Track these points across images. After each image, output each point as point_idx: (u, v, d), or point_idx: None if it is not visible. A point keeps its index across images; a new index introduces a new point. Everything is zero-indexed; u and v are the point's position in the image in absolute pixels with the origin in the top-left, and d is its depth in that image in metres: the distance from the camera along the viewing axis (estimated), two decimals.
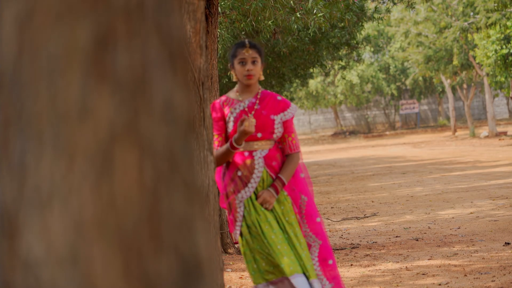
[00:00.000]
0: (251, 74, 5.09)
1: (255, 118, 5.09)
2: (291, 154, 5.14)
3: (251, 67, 5.09)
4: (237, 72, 5.13)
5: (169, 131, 1.47)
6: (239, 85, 5.20)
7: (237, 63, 5.12)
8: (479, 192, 14.12)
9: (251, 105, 5.14)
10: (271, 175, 5.06)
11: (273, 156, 5.10)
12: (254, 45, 5.16)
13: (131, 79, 1.44)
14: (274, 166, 5.09)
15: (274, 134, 5.11)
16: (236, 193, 5.05)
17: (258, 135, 5.08)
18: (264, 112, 5.12)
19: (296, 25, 11.11)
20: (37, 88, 1.44)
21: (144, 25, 1.46)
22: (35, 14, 1.44)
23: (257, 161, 5.06)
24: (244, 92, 5.19)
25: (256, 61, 5.11)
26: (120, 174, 1.41)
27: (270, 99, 5.18)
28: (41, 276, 1.42)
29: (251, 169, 5.06)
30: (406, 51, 41.63)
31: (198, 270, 1.48)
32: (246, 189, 5.05)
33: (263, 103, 5.15)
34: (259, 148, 5.09)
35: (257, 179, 5.04)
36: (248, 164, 5.06)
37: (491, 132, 37.26)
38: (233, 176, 5.07)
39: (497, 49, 26.87)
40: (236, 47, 5.18)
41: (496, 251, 8.11)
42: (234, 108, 5.14)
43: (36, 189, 1.43)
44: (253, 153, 5.08)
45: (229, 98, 5.21)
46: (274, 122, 5.11)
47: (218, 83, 8.85)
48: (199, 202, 1.51)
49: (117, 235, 1.41)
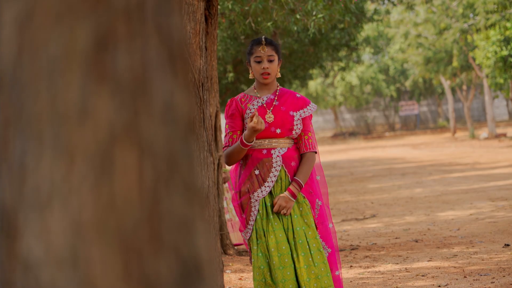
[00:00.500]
0: (267, 73, 5.01)
1: (273, 114, 5.01)
2: (306, 153, 5.03)
3: (267, 65, 5.00)
4: (254, 70, 5.04)
5: (169, 132, 1.47)
6: (257, 82, 5.10)
7: (253, 61, 5.04)
8: (478, 194, 14.13)
9: (269, 101, 5.05)
10: (288, 175, 5.00)
11: (292, 156, 5.01)
12: (271, 42, 5.07)
13: (131, 80, 1.44)
14: (292, 166, 4.99)
15: (293, 131, 5.01)
16: (251, 192, 4.98)
17: (277, 131, 4.98)
18: (283, 108, 5.03)
19: (296, 27, 11.12)
20: (37, 88, 1.43)
21: (144, 26, 1.46)
22: (35, 15, 1.44)
23: (275, 159, 4.97)
24: (262, 89, 5.09)
25: (273, 59, 5.03)
26: (120, 175, 1.41)
27: (289, 96, 5.09)
28: (41, 277, 1.41)
29: (269, 167, 4.96)
30: (405, 53, 41.66)
31: (198, 271, 1.48)
32: (262, 188, 4.95)
33: (282, 99, 5.06)
34: (277, 146, 4.99)
35: (274, 178, 4.96)
36: (265, 162, 4.98)
37: (490, 134, 37.27)
38: (250, 175, 4.98)
39: (496, 50, 26.87)
40: (252, 44, 5.09)
41: (496, 253, 8.11)
42: (252, 105, 5.04)
43: (35, 189, 1.43)
44: (272, 151, 4.99)
45: (247, 95, 5.10)
46: (293, 118, 5.01)
47: (217, 84, 8.85)
48: (199, 203, 1.51)
49: (116, 236, 1.41)
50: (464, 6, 34.90)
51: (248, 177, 4.97)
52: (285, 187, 4.95)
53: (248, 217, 4.95)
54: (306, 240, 4.86)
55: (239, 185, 5.01)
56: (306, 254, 4.83)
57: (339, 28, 16.87)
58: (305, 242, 4.85)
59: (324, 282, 4.81)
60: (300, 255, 4.82)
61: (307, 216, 4.93)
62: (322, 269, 4.83)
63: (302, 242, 4.85)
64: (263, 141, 4.98)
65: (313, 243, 4.87)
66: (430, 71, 39.38)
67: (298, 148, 5.07)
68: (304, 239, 4.86)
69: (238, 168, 5.06)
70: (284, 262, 4.80)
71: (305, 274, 4.79)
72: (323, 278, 4.82)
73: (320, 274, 4.82)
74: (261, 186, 4.94)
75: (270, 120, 4.97)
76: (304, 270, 4.80)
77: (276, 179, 4.94)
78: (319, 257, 4.85)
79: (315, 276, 4.81)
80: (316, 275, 4.81)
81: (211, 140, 4.97)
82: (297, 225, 4.89)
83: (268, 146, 4.98)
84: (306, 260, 4.82)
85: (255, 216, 4.92)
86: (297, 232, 4.87)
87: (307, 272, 4.80)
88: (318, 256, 4.85)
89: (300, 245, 4.84)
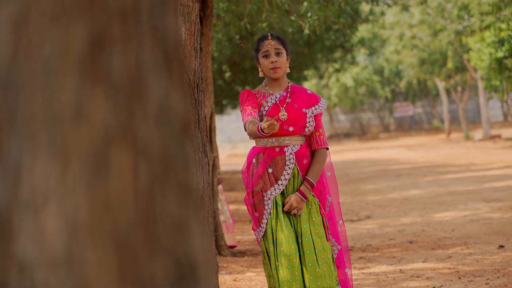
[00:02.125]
0: (276, 66, 4.97)
1: (287, 112, 4.98)
2: (318, 149, 5.01)
3: (275, 58, 4.97)
4: (263, 66, 5.01)
5: (164, 133, 1.47)
6: (267, 79, 5.08)
7: (261, 57, 5.00)
8: (473, 195, 14.14)
9: (282, 99, 5.02)
10: (300, 173, 4.97)
11: (304, 153, 4.99)
12: (277, 37, 5.05)
13: (126, 81, 1.43)
14: (304, 164, 4.97)
15: (306, 128, 5.00)
16: (265, 191, 4.96)
17: (290, 129, 4.96)
18: (296, 105, 5.00)
19: (291, 28, 11.12)
20: (32, 90, 1.43)
21: (139, 28, 1.46)
22: (30, 16, 1.44)
23: (288, 157, 4.95)
24: (273, 86, 5.07)
25: (281, 52, 5.00)
26: (115, 176, 1.41)
27: (300, 93, 5.06)
28: (36, 278, 1.41)
29: (282, 165, 4.95)
30: (400, 54, 41.66)
31: (193, 273, 1.48)
32: (276, 186, 4.94)
33: (293, 96, 5.04)
34: (290, 144, 4.97)
35: (287, 175, 4.94)
36: (278, 160, 4.97)
37: (485, 135, 37.30)
38: (263, 174, 4.97)
39: (491, 52, 26.90)
40: (259, 40, 5.07)
41: (490, 254, 8.12)
42: (266, 101, 5.02)
43: (30, 191, 1.42)
44: (284, 148, 4.97)
45: (259, 91, 5.08)
46: (306, 115, 4.99)
47: (212, 85, 8.85)
48: (194, 204, 1.51)
49: (111, 237, 1.41)
50: (459, 7, 34.92)
51: (262, 176, 4.96)
52: (297, 185, 4.94)
53: (261, 216, 4.94)
54: (312, 239, 4.85)
55: (252, 185, 4.99)
56: (311, 252, 4.83)
57: (334, 29, 16.89)
58: (311, 241, 4.84)
59: (326, 282, 4.81)
60: (306, 253, 4.82)
61: (315, 214, 4.92)
62: (325, 269, 4.83)
63: (308, 240, 4.85)
64: (276, 139, 4.97)
65: (318, 242, 4.86)
66: (425, 73, 39.38)
67: (309, 145, 5.06)
68: (310, 238, 4.85)
69: (250, 167, 5.04)
70: (292, 262, 4.80)
71: (309, 272, 4.80)
72: (325, 278, 4.82)
73: (323, 274, 4.82)
74: (274, 185, 4.93)
75: (284, 118, 4.96)
76: (309, 269, 4.80)
77: (289, 177, 4.93)
78: (323, 257, 4.85)
79: (318, 275, 4.81)
80: (319, 275, 4.81)
81: (205, 141, 4.97)
82: (304, 223, 4.88)
83: (281, 144, 4.96)
84: (311, 258, 4.82)
85: (268, 215, 4.90)
86: (304, 230, 4.86)
87: (311, 271, 4.80)
88: (322, 256, 4.85)
89: (306, 243, 4.84)
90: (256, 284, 7.43)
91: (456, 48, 36.74)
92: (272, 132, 4.67)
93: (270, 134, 4.86)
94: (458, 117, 52.87)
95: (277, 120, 4.94)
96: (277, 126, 4.67)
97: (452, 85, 42.35)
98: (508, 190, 14.22)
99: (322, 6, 10.05)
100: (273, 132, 4.67)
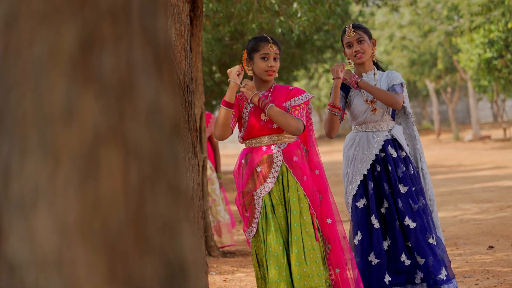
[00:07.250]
0: (272, 71, 5.04)
1: None
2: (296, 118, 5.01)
3: (273, 63, 5.04)
4: (257, 66, 5.05)
5: (155, 133, 1.47)
6: (255, 80, 5.12)
7: (258, 58, 5.04)
8: (463, 196, 14.16)
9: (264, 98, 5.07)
10: (290, 170, 4.98)
11: (293, 151, 5.00)
12: (276, 42, 5.11)
13: (116, 81, 1.43)
14: (294, 162, 4.98)
15: None
16: (254, 190, 4.97)
17: (274, 126, 4.99)
18: (276, 102, 5.02)
19: (281, 29, 11.12)
20: (22, 90, 1.43)
21: (129, 28, 1.46)
22: (20, 16, 1.44)
23: (275, 154, 4.96)
24: (260, 87, 5.11)
25: (277, 58, 5.08)
26: (105, 176, 1.41)
27: (281, 90, 5.08)
28: (26, 279, 1.41)
29: (270, 163, 4.97)
30: (390, 55, 41.70)
31: (182, 273, 1.48)
32: (265, 185, 4.94)
33: (274, 93, 5.07)
34: (278, 142, 5.00)
35: (275, 173, 4.94)
36: (266, 158, 4.99)
37: (475, 136, 37.39)
38: (252, 174, 4.99)
39: (480, 53, 26.96)
40: (258, 41, 5.09)
41: (480, 255, 8.13)
42: (247, 103, 5.08)
43: (20, 191, 1.42)
44: (271, 146, 4.99)
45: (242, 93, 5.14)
46: (286, 109, 5.03)
47: (202, 86, 8.84)
48: (184, 204, 1.51)
49: (102, 237, 1.41)
50: (449, 8, 34.97)
51: (251, 176, 4.97)
52: (286, 184, 4.94)
53: (252, 217, 4.94)
54: (302, 237, 4.84)
55: (242, 185, 5.00)
56: (300, 251, 4.81)
57: (324, 30, 16.90)
58: (300, 239, 4.83)
59: (314, 281, 4.80)
60: (294, 252, 4.81)
61: (306, 213, 4.91)
62: (314, 268, 4.82)
63: (297, 238, 4.83)
64: (264, 138, 5.00)
65: (308, 241, 4.85)
66: (415, 73, 39.43)
67: (300, 143, 5.08)
68: (300, 236, 4.84)
69: (240, 168, 5.06)
70: (280, 262, 4.80)
71: (297, 271, 4.79)
72: (313, 277, 4.80)
73: (311, 273, 4.80)
74: (263, 183, 4.93)
75: (266, 118, 4.99)
76: (296, 268, 4.79)
77: (277, 175, 4.93)
78: (311, 256, 4.83)
79: (306, 275, 4.79)
80: (307, 274, 4.79)
81: (196, 142, 4.96)
82: (295, 222, 4.87)
83: (268, 143, 4.99)
84: (299, 257, 4.80)
85: (259, 215, 4.91)
86: (294, 228, 4.85)
87: (298, 270, 4.79)
88: (311, 255, 4.84)
89: (295, 241, 4.82)
90: (246, 284, 7.42)
91: (446, 49, 36.81)
92: (252, 86, 4.90)
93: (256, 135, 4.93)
94: (448, 118, 52.96)
95: (259, 120, 5.00)
96: (251, 83, 4.91)
97: (442, 86, 42.43)
98: (498, 191, 14.24)
99: (312, 7, 10.05)
100: (252, 86, 4.90)
